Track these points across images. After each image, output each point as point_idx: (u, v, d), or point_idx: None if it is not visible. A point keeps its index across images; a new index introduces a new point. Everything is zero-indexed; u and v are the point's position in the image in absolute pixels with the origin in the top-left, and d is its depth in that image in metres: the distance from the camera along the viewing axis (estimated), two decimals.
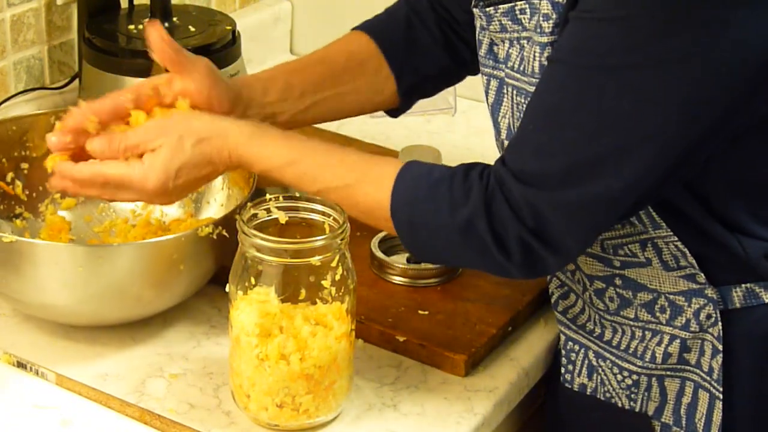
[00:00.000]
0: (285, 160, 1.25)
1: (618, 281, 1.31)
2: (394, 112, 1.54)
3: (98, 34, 1.67)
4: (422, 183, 1.22)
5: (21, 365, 1.33)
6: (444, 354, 1.35)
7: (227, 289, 1.23)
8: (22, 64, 1.74)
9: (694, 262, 1.26)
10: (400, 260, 1.48)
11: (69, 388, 1.31)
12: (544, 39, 1.22)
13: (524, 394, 1.39)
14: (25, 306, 1.36)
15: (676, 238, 1.25)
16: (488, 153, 1.83)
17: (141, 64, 1.63)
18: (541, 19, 1.22)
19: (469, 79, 1.97)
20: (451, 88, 1.94)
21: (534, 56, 1.24)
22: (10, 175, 1.48)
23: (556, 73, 1.18)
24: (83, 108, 1.30)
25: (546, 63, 1.22)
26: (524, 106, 1.27)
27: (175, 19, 1.70)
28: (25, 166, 1.49)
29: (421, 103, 1.95)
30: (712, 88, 1.13)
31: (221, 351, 1.35)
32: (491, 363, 1.38)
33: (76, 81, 1.76)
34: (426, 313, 1.41)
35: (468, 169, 1.22)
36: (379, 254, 1.47)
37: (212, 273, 1.37)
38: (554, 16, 1.21)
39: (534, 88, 1.23)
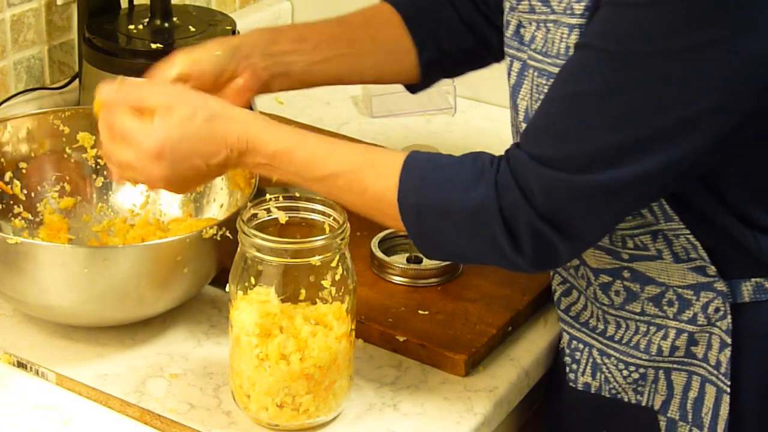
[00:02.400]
0: (294, 142, 1.23)
1: (626, 274, 1.30)
2: (415, 87, 1.52)
3: (98, 34, 1.67)
4: (430, 167, 1.21)
5: (21, 365, 1.33)
6: (444, 354, 1.35)
7: (227, 289, 1.23)
8: (23, 64, 1.74)
9: (705, 254, 1.25)
10: (400, 260, 1.48)
11: (69, 388, 1.31)
12: (573, 21, 1.21)
13: (524, 394, 1.39)
14: (28, 307, 1.36)
15: (688, 231, 1.24)
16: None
17: (141, 64, 1.63)
18: (573, 1, 1.21)
19: (469, 79, 1.97)
20: (450, 88, 1.95)
21: (561, 38, 1.22)
22: (8, 175, 1.48)
23: (584, 58, 1.16)
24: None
25: (571, 45, 1.21)
26: (545, 87, 1.25)
27: (175, 19, 1.70)
28: (23, 165, 1.49)
29: (421, 103, 1.96)
30: (743, 80, 1.12)
31: (221, 351, 1.35)
32: (491, 363, 1.38)
33: (77, 81, 1.76)
34: (426, 313, 1.41)
35: (477, 154, 1.21)
36: (379, 254, 1.47)
37: (214, 274, 1.37)
38: None
39: (557, 69, 1.22)
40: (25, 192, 1.49)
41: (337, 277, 1.22)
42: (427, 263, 1.47)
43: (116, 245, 1.42)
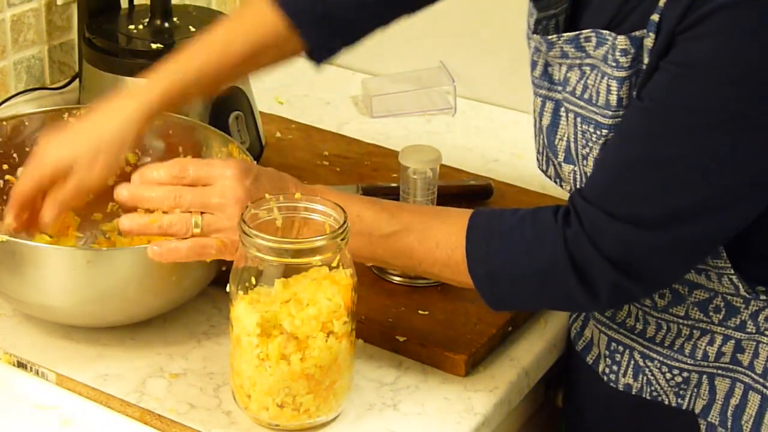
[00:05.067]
0: (360, 200, 1.27)
1: None
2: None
3: (98, 34, 1.67)
4: (494, 234, 1.22)
5: (21, 365, 1.33)
6: (444, 354, 1.35)
7: (228, 289, 1.23)
8: (23, 64, 1.74)
9: (750, 286, 1.26)
10: None
11: (69, 388, 1.31)
12: (623, 74, 1.19)
13: (524, 394, 1.39)
14: (19, 304, 1.36)
15: (732, 272, 1.25)
16: (488, 153, 1.84)
17: (141, 64, 1.63)
18: (617, 54, 1.19)
19: (469, 79, 1.98)
20: (450, 88, 1.95)
21: (609, 89, 1.21)
22: (20, 170, 1.48)
23: (654, 123, 1.15)
24: None
25: (623, 96, 1.20)
26: (593, 135, 1.24)
27: (175, 19, 1.70)
28: None
29: (421, 103, 1.96)
30: None
31: (221, 351, 1.35)
32: (491, 363, 1.38)
33: (77, 81, 1.76)
34: (426, 313, 1.41)
35: (535, 213, 1.22)
36: None
37: (212, 277, 1.37)
38: (632, 51, 1.18)
39: (608, 120, 1.22)
40: None
41: (338, 277, 1.22)
42: None
43: (99, 248, 1.42)
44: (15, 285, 1.31)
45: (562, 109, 1.28)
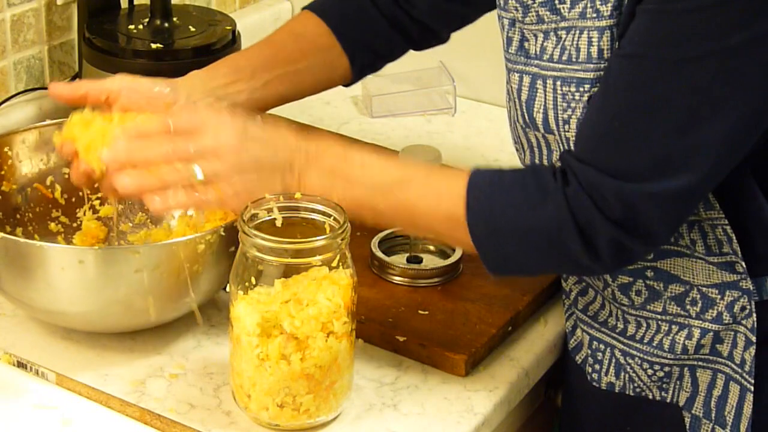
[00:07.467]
0: (361, 147, 1.24)
1: (649, 273, 1.30)
2: (347, 84, 1.56)
3: (98, 34, 1.67)
4: (495, 191, 1.21)
5: (21, 365, 1.33)
6: (444, 354, 1.35)
7: (227, 289, 1.23)
8: (22, 64, 1.74)
9: (738, 248, 1.26)
10: (400, 260, 1.48)
11: (69, 388, 1.31)
12: (602, 23, 1.20)
13: (524, 394, 1.40)
14: (26, 308, 1.35)
15: (726, 222, 1.25)
16: (488, 153, 1.84)
17: (141, 64, 1.63)
18: (598, 3, 1.20)
19: (469, 79, 1.98)
20: (450, 88, 1.95)
21: (590, 41, 1.21)
22: (49, 179, 1.48)
23: (636, 68, 1.15)
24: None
25: (604, 48, 1.20)
26: (575, 94, 1.24)
27: (175, 19, 1.71)
28: (66, 171, 1.48)
29: (421, 103, 1.96)
30: None
31: (221, 351, 1.35)
32: (491, 363, 1.38)
33: (77, 81, 1.76)
34: (426, 313, 1.41)
35: (534, 170, 1.22)
36: (379, 254, 1.47)
37: (224, 284, 1.35)
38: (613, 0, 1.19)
39: (590, 74, 1.22)
40: (66, 196, 1.48)
41: (338, 277, 1.22)
42: (427, 263, 1.47)
43: (89, 246, 1.42)
44: (19, 286, 1.30)
45: (539, 81, 1.28)
